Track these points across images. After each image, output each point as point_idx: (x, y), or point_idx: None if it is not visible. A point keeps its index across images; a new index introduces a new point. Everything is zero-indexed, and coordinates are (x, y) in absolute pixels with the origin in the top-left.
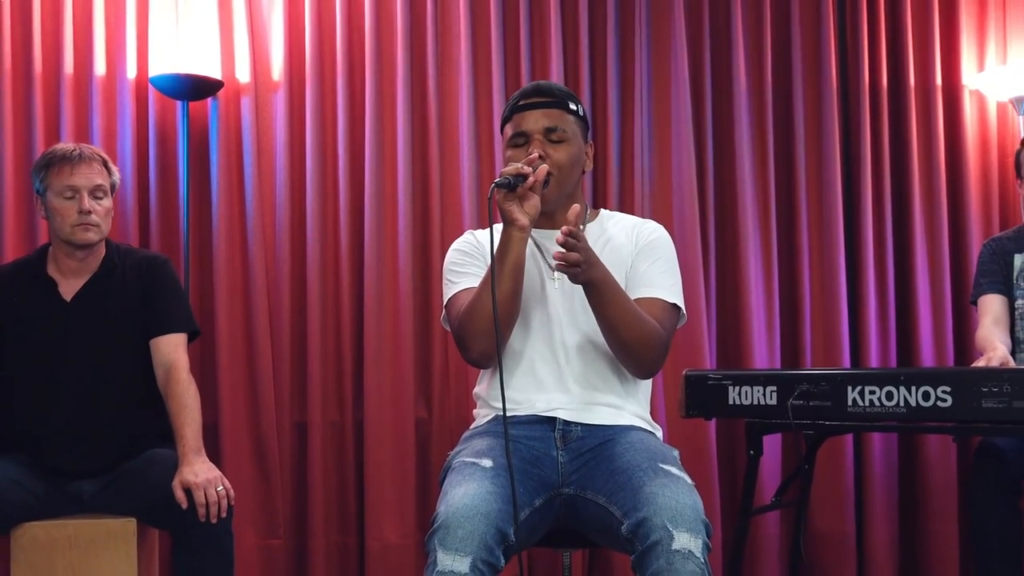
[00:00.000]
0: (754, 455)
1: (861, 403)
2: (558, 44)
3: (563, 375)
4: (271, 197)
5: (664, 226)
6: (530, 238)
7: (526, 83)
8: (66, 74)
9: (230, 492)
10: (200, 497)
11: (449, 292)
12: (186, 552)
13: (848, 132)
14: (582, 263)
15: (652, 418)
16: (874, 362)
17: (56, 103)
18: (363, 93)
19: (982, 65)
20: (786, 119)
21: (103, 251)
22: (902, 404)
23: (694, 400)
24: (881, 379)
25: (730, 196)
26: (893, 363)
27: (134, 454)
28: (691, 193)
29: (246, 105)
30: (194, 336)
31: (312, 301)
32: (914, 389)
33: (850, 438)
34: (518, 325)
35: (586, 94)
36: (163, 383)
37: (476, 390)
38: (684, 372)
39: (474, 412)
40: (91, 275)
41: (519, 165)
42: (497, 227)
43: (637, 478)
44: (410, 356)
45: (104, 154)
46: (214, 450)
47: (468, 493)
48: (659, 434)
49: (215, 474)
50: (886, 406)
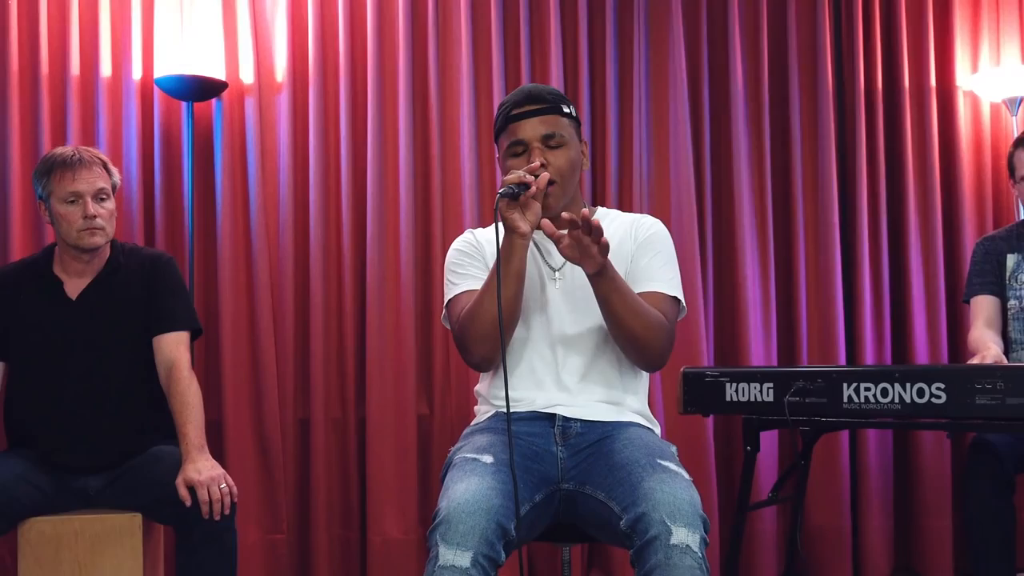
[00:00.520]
0: (751, 451)
1: (856, 400)
2: (557, 46)
3: (562, 374)
4: (274, 196)
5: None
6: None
7: (526, 84)
8: (72, 76)
9: (233, 489)
10: (203, 494)
11: (450, 293)
12: (190, 548)
13: (844, 132)
14: (606, 249)
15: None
16: (869, 359)
17: (62, 104)
18: (365, 94)
19: (976, 66)
20: (782, 119)
21: (108, 251)
22: (897, 401)
23: (692, 397)
24: (876, 376)
25: (727, 196)
26: (888, 360)
27: (139, 451)
28: (688, 193)
29: (250, 106)
30: (197, 334)
31: (315, 299)
32: (909, 386)
33: (846, 434)
34: (518, 325)
35: (585, 95)
36: (165, 381)
37: (477, 387)
38: (682, 369)
39: (475, 408)
40: (96, 274)
41: (521, 174)
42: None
43: (636, 474)
44: (411, 354)
45: (103, 156)
46: (218, 446)
47: (470, 489)
48: (657, 430)
49: (218, 471)
50: (881, 403)
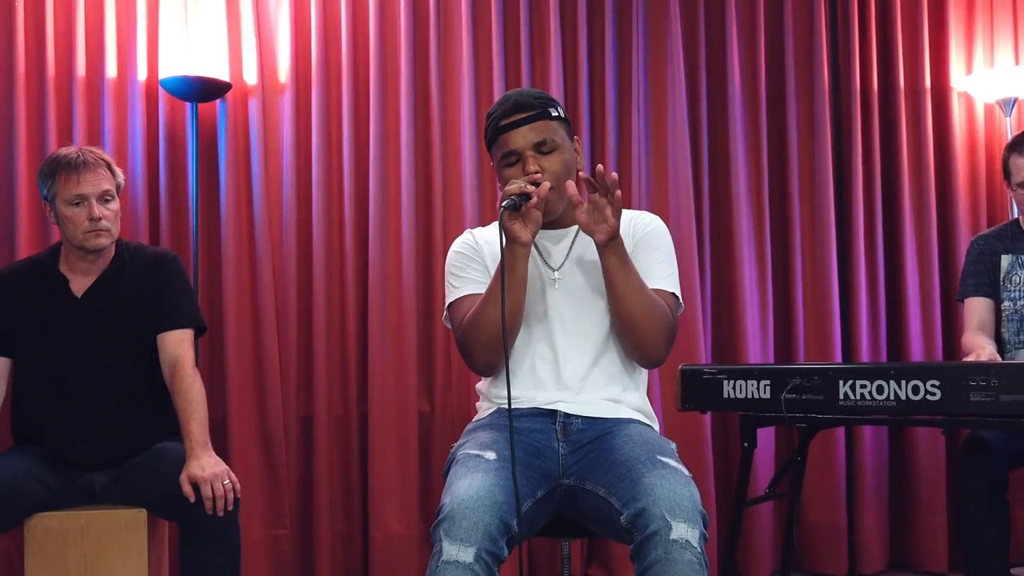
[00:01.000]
0: (748, 447)
1: (852, 396)
2: (557, 47)
3: (563, 374)
4: (278, 196)
5: None
6: None
7: (526, 85)
8: (78, 77)
9: (236, 485)
10: (207, 491)
11: (451, 296)
12: (194, 544)
13: (839, 132)
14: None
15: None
16: (865, 357)
17: (68, 105)
18: (367, 94)
19: (970, 68)
20: (779, 120)
21: (113, 249)
22: (892, 398)
23: (690, 394)
24: (872, 373)
25: (724, 195)
26: (884, 358)
27: (144, 447)
28: (686, 192)
29: (253, 107)
30: (201, 332)
31: (318, 298)
32: (904, 383)
33: (842, 431)
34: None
35: (584, 95)
36: (169, 378)
37: (478, 385)
38: (680, 367)
39: (476, 405)
40: (101, 272)
41: (521, 184)
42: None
43: (636, 470)
44: (413, 351)
45: (107, 156)
46: (222, 443)
47: (473, 485)
48: (656, 427)
49: (221, 468)
50: (876, 400)
